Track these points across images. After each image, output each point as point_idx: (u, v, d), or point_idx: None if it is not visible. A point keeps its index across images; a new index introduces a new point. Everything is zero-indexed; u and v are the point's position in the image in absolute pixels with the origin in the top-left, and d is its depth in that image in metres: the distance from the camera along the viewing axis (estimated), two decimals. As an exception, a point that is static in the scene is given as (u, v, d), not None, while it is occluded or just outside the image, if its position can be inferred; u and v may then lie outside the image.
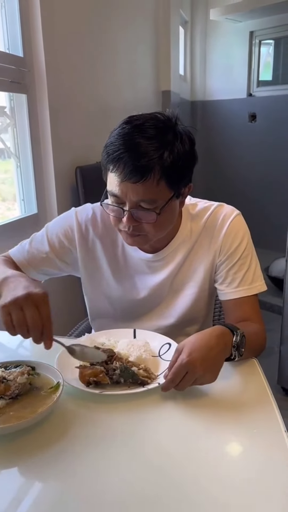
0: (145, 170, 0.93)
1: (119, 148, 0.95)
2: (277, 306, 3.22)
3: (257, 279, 1.15)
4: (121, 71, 2.81)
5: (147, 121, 0.98)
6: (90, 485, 0.71)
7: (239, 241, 1.13)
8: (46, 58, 1.89)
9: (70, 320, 1.72)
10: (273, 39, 4.36)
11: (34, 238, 1.22)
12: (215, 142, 4.78)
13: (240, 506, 0.67)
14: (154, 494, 0.69)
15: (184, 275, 1.18)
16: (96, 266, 1.21)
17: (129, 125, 0.97)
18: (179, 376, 0.87)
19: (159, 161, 0.94)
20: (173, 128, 0.99)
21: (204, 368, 0.87)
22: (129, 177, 0.94)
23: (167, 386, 0.88)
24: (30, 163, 1.97)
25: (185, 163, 0.99)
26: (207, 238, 1.15)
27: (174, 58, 3.72)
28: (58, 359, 1.00)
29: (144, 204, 0.98)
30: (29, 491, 0.72)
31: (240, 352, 0.95)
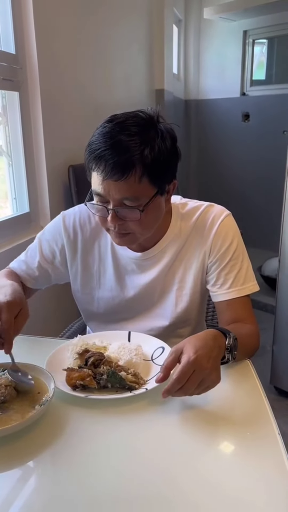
0: (126, 167, 0.93)
1: (100, 146, 0.94)
2: (270, 306, 3.23)
3: (249, 280, 1.14)
4: (114, 69, 2.79)
5: (128, 119, 0.97)
6: (78, 489, 0.70)
7: (230, 241, 1.13)
8: (39, 55, 1.87)
9: (63, 321, 1.71)
10: (266, 38, 4.36)
11: (29, 249, 1.26)
12: (209, 141, 4.78)
13: (233, 508, 0.67)
14: (142, 495, 0.68)
15: (174, 274, 1.17)
16: (85, 268, 1.21)
17: (111, 124, 0.97)
18: (186, 375, 0.82)
19: (140, 158, 0.94)
20: (155, 125, 0.98)
21: (211, 365, 0.85)
22: (111, 175, 0.94)
23: (172, 387, 0.82)
24: (22, 162, 1.95)
25: (167, 159, 0.99)
26: (197, 238, 1.14)
27: (168, 56, 3.71)
28: (48, 361, 0.98)
29: (128, 202, 0.98)
30: (20, 494, 0.71)
31: (233, 355, 0.94)
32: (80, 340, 1.06)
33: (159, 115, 1.01)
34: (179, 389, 0.83)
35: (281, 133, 4.17)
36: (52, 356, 1.01)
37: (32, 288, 1.27)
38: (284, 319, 2.29)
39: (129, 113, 0.99)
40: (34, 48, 1.86)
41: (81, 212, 1.20)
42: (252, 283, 1.15)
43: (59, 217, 1.23)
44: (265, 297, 3.41)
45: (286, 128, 4.13)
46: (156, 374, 0.96)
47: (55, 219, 1.24)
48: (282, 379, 2.36)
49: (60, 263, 1.23)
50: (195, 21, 4.52)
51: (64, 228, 1.20)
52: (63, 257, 1.22)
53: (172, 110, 4.01)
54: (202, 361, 0.83)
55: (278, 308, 2.31)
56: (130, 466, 0.75)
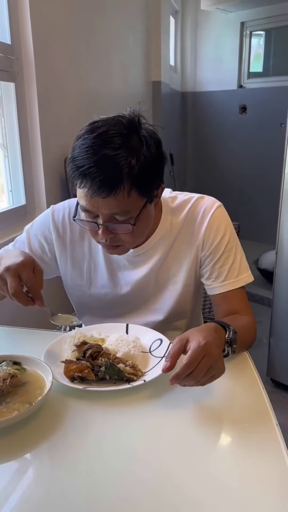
0: (114, 183, 0.90)
1: (84, 163, 0.90)
2: (266, 298, 3.24)
3: (243, 271, 1.13)
4: (111, 60, 2.77)
5: (110, 128, 0.92)
6: (76, 481, 0.70)
7: (222, 234, 1.11)
8: (35, 45, 1.85)
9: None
10: (264, 30, 4.34)
11: (17, 241, 1.24)
12: (205, 134, 4.76)
13: (232, 500, 0.67)
14: (140, 487, 0.68)
15: (167, 269, 1.16)
16: (74, 265, 1.20)
17: (92, 135, 0.91)
18: (197, 359, 0.80)
19: (128, 172, 0.90)
20: (137, 131, 0.94)
21: (218, 352, 0.84)
22: (99, 192, 0.90)
23: (182, 372, 0.79)
24: (18, 154, 1.93)
25: (153, 167, 0.96)
26: (189, 232, 1.13)
27: (165, 48, 3.69)
28: (46, 353, 0.98)
29: (118, 216, 0.96)
30: (18, 486, 0.71)
31: (232, 349, 0.93)
32: (78, 332, 1.06)
33: (140, 116, 0.96)
34: (189, 374, 0.80)
35: (278, 126, 4.15)
36: (50, 348, 1.01)
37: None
38: (280, 312, 2.30)
39: (110, 121, 0.94)
40: (30, 39, 1.84)
41: (70, 207, 1.18)
42: (246, 274, 1.14)
43: (49, 211, 1.20)
44: (261, 290, 3.42)
45: (283, 121, 4.09)
46: (154, 366, 0.96)
47: (44, 213, 1.22)
48: (278, 371, 2.38)
49: (50, 259, 1.21)
50: (192, 12, 4.49)
51: (53, 223, 1.18)
52: (52, 253, 1.20)
53: (169, 102, 3.99)
54: (212, 347, 0.82)
55: (275, 301, 2.31)
56: (128, 457, 0.75)
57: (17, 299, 0.96)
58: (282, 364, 2.35)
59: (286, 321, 2.28)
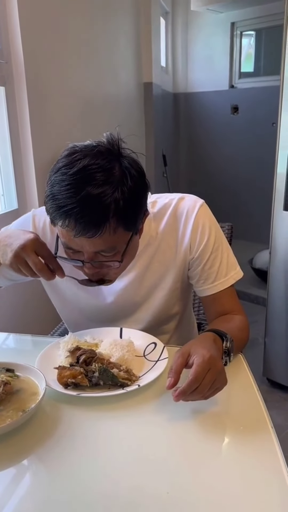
0: (100, 223, 0.85)
1: (66, 202, 0.84)
2: (261, 298, 3.25)
3: (231, 268, 1.12)
4: (101, 62, 2.76)
5: (90, 162, 0.85)
6: (71, 488, 0.69)
7: (208, 234, 1.08)
8: (24, 49, 1.84)
9: (53, 319, 1.69)
10: (254, 30, 4.35)
11: None
12: (198, 134, 4.77)
13: (227, 504, 0.67)
14: (136, 492, 0.68)
15: (152, 276, 1.13)
16: (59, 279, 1.14)
17: (72, 170, 0.85)
18: (203, 373, 0.79)
19: (114, 209, 0.85)
20: (119, 161, 0.88)
21: (221, 364, 0.84)
22: (83, 233, 0.85)
23: (189, 387, 0.78)
24: (9, 158, 1.92)
25: (138, 199, 0.91)
26: (173, 237, 1.10)
27: (156, 49, 3.69)
28: (39, 359, 0.97)
29: (104, 253, 0.92)
30: (13, 494, 0.70)
31: (230, 358, 0.92)
32: (71, 337, 1.05)
33: (120, 141, 0.91)
34: (194, 389, 0.79)
35: (270, 125, 4.16)
36: (42, 355, 1.00)
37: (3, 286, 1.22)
38: (275, 311, 2.30)
39: (89, 151, 0.87)
40: (20, 42, 1.83)
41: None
42: (234, 270, 1.12)
43: (29, 215, 1.15)
44: (256, 289, 3.43)
45: (275, 120, 4.11)
46: (148, 370, 0.95)
47: (24, 216, 1.17)
48: (274, 371, 2.38)
49: None
50: (182, 13, 4.49)
51: (33, 227, 1.13)
52: None
53: (161, 103, 3.99)
54: (216, 360, 0.83)
55: (270, 300, 2.32)
56: (124, 463, 0.75)
57: (43, 274, 0.96)
58: (278, 363, 2.36)
59: (281, 320, 2.28)
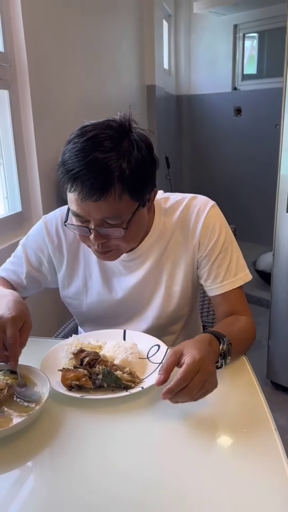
0: (105, 186, 0.89)
1: (74, 166, 0.89)
2: (265, 300, 3.24)
3: (240, 270, 1.12)
4: (105, 65, 2.77)
5: (100, 132, 0.91)
6: (75, 490, 0.69)
7: (218, 234, 1.10)
8: (28, 52, 1.85)
9: (57, 321, 1.70)
10: (257, 32, 4.35)
11: (15, 257, 1.23)
12: (201, 136, 4.77)
13: (230, 504, 0.67)
14: (139, 495, 0.68)
15: (163, 272, 1.14)
16: (72, 273, 1.19)
17: (82, 139, 0.91)
18: (192, 373, 0.79)
19: (119, 175, 0.89)
20: (128, 135, 0.93)
21: (212, 367, 0.84)
22: (89, 196, 0.89)
23: (176, 386, 0.78)
24: (13, 161, 1.93)
25: (145, 170, 0.94)
26: (184, 233, 1.12)
27: (158, 52, 3.69)
28: (43, 361, 0.98)
29: (110, 221, 0.94)
30: (16, 496, 0.71)
31: (226, 361, 0.91)
32: (75, 339, 1.06)
33: (130, 119, 0.96)
34: (182, 389, 0.79)
35: (273, 127, 4.16)
36: (46, 357, 1.00)
37: (23, 296, 1.24)
38: (279, 313, 2.30)
39: (100, 124, 0.93)
40: (23, 46, 1.84)
41: (62, 214, 1.16)
42: (243, 272, 1.13)
43: (41, 223, 1.19)
44: (259, 291, 3.42)
45: (278, 122, 4.11)
46: (152, 372, 0.96)
47: (37, 225, 1.21)
48: (278, 373, 2.37)
49: (48, 271, 1.21)
50: (185, 16, 4.50)
51: (47, 234, 1.17)
52: (50, 265, 1.20)
53: (164, 105, 4.00)
54: (206, 362, 0.82)
55: (273, 302, 2.31)
56: (127, 465, 0.75)
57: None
58: (282, 366, 2.35)
59: (285, 322, 2.28)
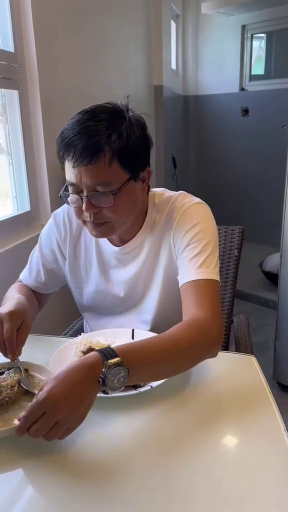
0: (95, 150, 0.94)
1: (69, 134, 0.97)
2: (271, 301, 3.24)
3: (207, 266, 1.03)
4: (113, 65, 2.78)
5: (97, 108, 1.00)
6: (81, 489, 0.70)
7: (191, 225, 1.08)
8: (38, 53, 1.87)
9: (65, 319, 1.71)
10: (265, 32, 4.35)
11: (32, 256, 1.28)
12: (208, 137, 4.77)
13: (238, 506, 0.67)
14: (145, 494, 0.69)
15: (156, 267, 1.16)
16: (75, 262, 1.23)
17: (80, 114, 1.00)
18: (33, 416, 0.71)
19: (108, 141, 0.95)
20: (122, 112, 1.00)
21: (70, 405, 0.72)
22: (81, 160, 0.95)
23: (22, 426, 0.72)
24: (22, 160, 1.94)
25: (136, 144, 0.99)
26: (168, 228, 1.12)
27: (166, 52, 3.70)
28: (52, 359, 0.99)
29: (100, 188, 0.98)
30: (22, 494, 0.72)
31: (111, 385, 0.76)
32: (83, 338, 1.06)
33: (128, 106, 1.03)
34: (32, 429, 0.72)
35: (281, 128, 4.16)
36: (56, 355, 1.01)
37: (45, 293, 1.30)
38: (286, 314, 2.29)
39: (99, 104, 1.02)
40: (33, 46, 1.85)
41: (68, 207, 1.19)
42: (208, 269, 1.03)
43: (51, 218, 1.25)
44: (266, 292, 3.42)
45: (286, 123, 4.13)
46: None
47: (48, 222, 1.26)
48: (284, 375, 2.37)
49: (63, 262, 1.25)
50: (193, 16, 4.51)
51: (56, 226, 1.23)
52: (62, 255, 1.24)
53: (171, 106, 4.00)
54: (55, 402, 0.71)
55: (280, 303, 2.31)
56: (135, 464, 0.75)
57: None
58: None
59: (292, 323, 2.28)
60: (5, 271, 1.60)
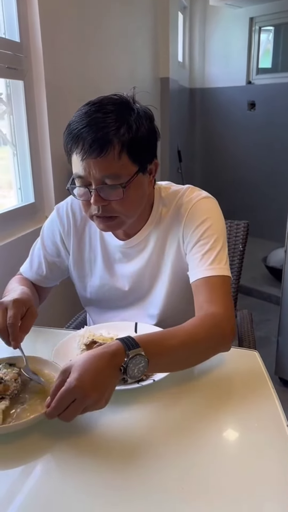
0: (104, 143, 0.93)
1: (77, 126, 0.96)
2: (274, 296, 3.23)
3: (218, 262, 1.04)
4: (119, 57, 2.76)
5: (104, 99, 0.99)
6: (83, 482, 0.70)
7: (200, 221, 1.07)
8: (43, 43, 1.85)
9: (68, 312, 1.71)
10: (273, 25, 4.31)
11: (34, 249, 1.27)
12: (214, 130, 4.74)
13: (241, 501, 0.67)
14: (147, 488, 0.68)
15: (161, 262, 1.15)
16: (79, 255, 1.22)
17: (88, 106, 0.99)
18: (64, 403, 0.74)
19: (117, 133, 0.94)
20: (130, 104, 1.00)
21: (97, 392, 0.75)
22: (90, 152, 0.94)
23: (52, 413, 0.75)
24: (27, 151, 1.93)
25: (144, 137, 0.98)
26: (176, 223, 1.11)
27: (173, 44, 3.67)
28: (55, 352, 0.98)
29: (109, 181, 0.97)
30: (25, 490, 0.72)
31: (132, 374, 0.80)
32: (87, 331, 1.06)
33: (134, 98, 1.02)
34: (63, 414, 0.75)
35: (287, 122, 4.13)
36: (59, 347, 1.01)
37: (46, 287, 1.29)
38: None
39: (105, 96, 1.01)
40: (39, 37, 1.84)
41: (72, 200, 1.21)
42: (219, 265, 1.04)
43: (54, 211, 1.24)
44: (269, 287, 3.41)
45: (292, 117, 4.10)
46: None
47: (51, 215, 1.25)
48: (286, 370, 2.37)
49: (66, 255, 1.24)
50: (200, 8, 4.46)
51: (59, 219, 1.22)
52: (65, 248, 1.23)
53: (177, 98, 3.97)
54: (85, 389, 0.74)
55: (284, 299, 2.30)
56: (137, 457, 0.75)
57: (0, 335, 0.95)
58: (291, 362, 2.34)
59: (295, 319, 2.27)
60: (9, 262, 1.60)
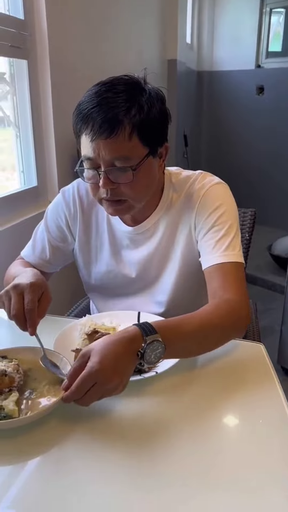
0: (115, 123, 0.91)
1: (87, 106, 0.94)
2: (278, 285, 3.21)
3: (230, 249, 1.03)
4: (126, 37, 2.70)
5: (114, 80, 0.97)
6: (88, 471, 0.69)
7: (214, 207, 1.06)
8: (48, 21, 1.80)
9: (69, 299, 1.69)
10: (284, 7, 4.20)
11: (37, 233, 1.24)
12: (222, 114, 4.67)
13: (244, 492, 0.66)
14: (150, 481, 0.67)
15: (170, 249, 1.13)
16: (85, 241, 1.20)
17: (97, 86, 0.96)
18: (84, 387, 0.74)
19: (128, 114, 0.92)
20: (141, 85, 0.97)
21: (117, 378, 0.75)
22: (100, 133, 0.91)
23: (70, 397, 0.75)
24: (30, 133, 1.90)
25: (155, 118, 0.96)
26: (187, 209, 1.09)
27: (181, 25, 3.59)
28: (56, 340, 0.97)
29: (119, 163, 0.94)
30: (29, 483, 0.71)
31: (150, 360, 0.80)
32: (88, 320, 1.04)
33: (145, 79, 0.99)
34: (83, 399, 0.75)
35: (296, 108, 4.06)
36: (60, 336, 0.99)
37: (48, 272, 1.25)
38: (293, 299, 2.26)
39: (115, 76, 0.99)
40: (44, 14, 1.78)
41: (79, 184, 1.19)
42: (233, 252, 1.03)
43: (59, 194, 1.22)
44: (273, 276, 3.38)
45: (302, 103, 4.02)
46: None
47: (56, 198, 1.23)
48: (289, 359, 2.35)
49: (71, 240, 1.22)
50: (210, -12, 4.35)
51: (65, 203, 1.19)
52: (70, 233, 1.21)
53: (184, 81, 3.90)
54: (106, 373, 0.74)
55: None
56: (140, 448, 0.74)
57: (17, 321, 0.92)
58: (294, 352, 2.33)
59: (299, 309, 2.25)
60: (11, 246, 1.58)
